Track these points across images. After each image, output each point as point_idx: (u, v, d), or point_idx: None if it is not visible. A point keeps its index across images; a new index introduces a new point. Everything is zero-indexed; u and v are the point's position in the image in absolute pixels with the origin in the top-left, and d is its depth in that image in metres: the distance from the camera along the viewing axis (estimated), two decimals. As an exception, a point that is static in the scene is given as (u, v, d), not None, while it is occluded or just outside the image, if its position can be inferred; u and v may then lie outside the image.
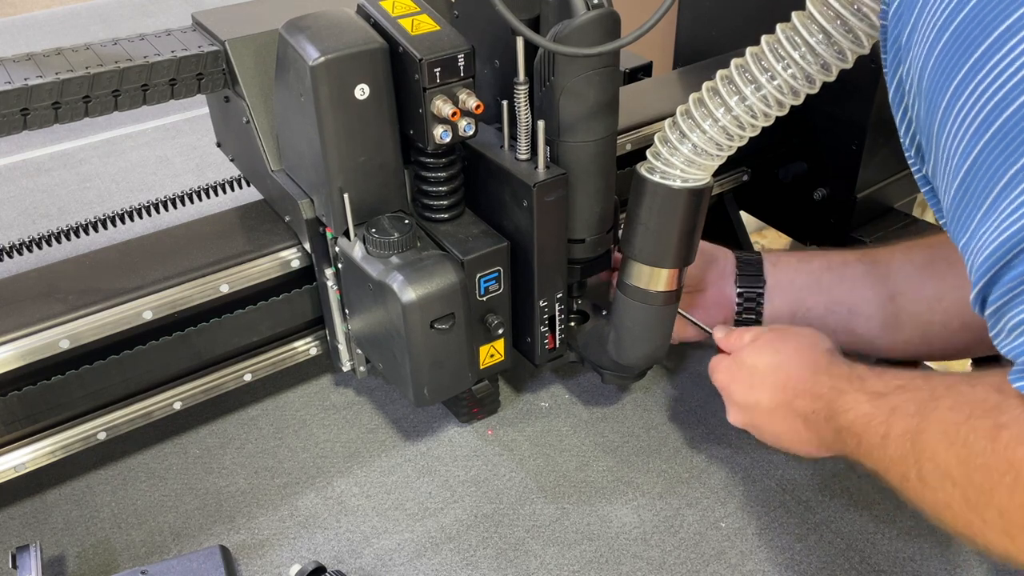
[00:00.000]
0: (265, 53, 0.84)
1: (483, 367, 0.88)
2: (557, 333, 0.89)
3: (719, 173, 0.78)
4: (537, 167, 0.78)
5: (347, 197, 0.78)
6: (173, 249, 0.87)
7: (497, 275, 0.83)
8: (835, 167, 1.14)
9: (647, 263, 0.77)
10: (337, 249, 0.84)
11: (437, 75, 0.74)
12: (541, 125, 0.76)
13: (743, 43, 0.67)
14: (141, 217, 0.98)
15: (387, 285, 0.77)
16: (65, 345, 0.78)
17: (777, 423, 0.75)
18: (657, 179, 0.72)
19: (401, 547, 0.84)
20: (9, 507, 0.89)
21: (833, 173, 1.14)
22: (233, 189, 1.03)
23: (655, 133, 0.72)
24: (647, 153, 0.72)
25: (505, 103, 0.79)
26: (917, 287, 0.86)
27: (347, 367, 0.94)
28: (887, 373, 0.66)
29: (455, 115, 0.75)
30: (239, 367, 0.92)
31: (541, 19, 0.77)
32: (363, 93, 0.75)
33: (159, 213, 1.00)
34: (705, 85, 0.67)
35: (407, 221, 0.81)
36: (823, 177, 1.16)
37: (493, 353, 0.88)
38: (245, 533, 0.86)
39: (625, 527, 0.86)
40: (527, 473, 0.92)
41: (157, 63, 0.81)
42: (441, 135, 0.76)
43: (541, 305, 0.85)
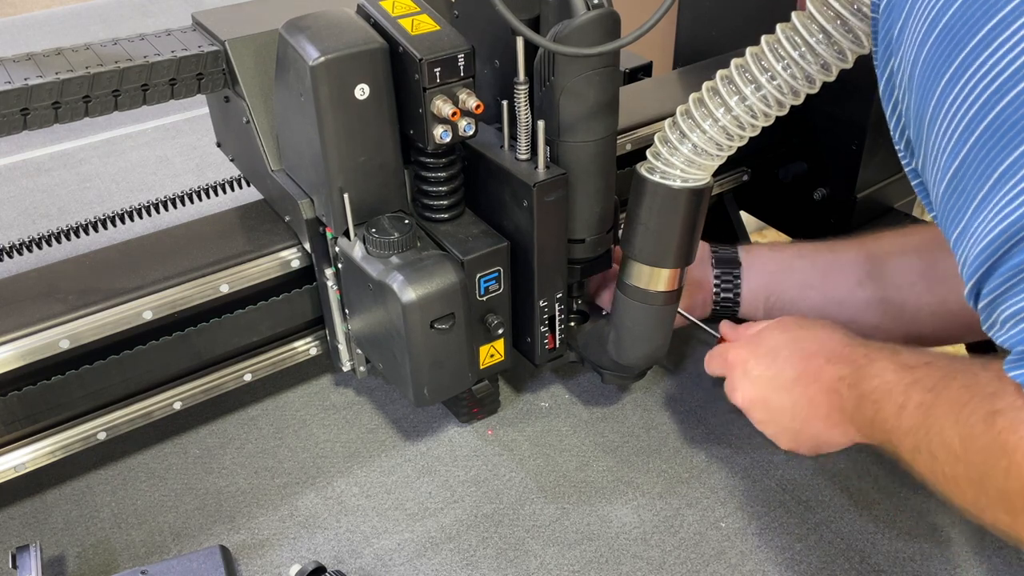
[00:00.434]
0: (265, 53, 0.84)
1: (483, 367, 0.88)
2: (557, 333, 0.89)
3: (719, 173, 0.78)
4: (537, 167, 0.78)
5: (347, 197, 0.78)
6: (173, 249, 0.87)
7: (497, 275, 0.83)
8: (835, 167, 1.14)
9: (647, 263, 0.77)
10: (337, 249, 0.84)
11: (437, 75, 0.74)
12: (541, 125, 0.76)
13: (743, 43, 0.67)
14: (141, 217, 0.98)
15: (387, 285, 0.77)
16: (65, 345, 0.78)
17: (796, 395, 0.75)
18: (657, 179, 0.72)
19: (401, 547, 0.84)
20: (9, 507, 0.89)
21: (833, 173, 1.14)
22: (233, 189, 1.03)
23: (655, 133, 0.72)
24: (647, 153, 0.72)
25: (505, 103, 0.80)
26: (889, 273, 0.88)
27: (347, 367, 0.94)
28: (921, 350, 0.67)
29: (455, 115, 0.75)
30: (239, 367, 0.92)
31: (541, 19, 0.77)
32: (363, 93, 0.75)
33: (159, 213, 1.00)
34: (705, 85, 0.67)
35: (407, 221, 0.81)
36: (823, 177, 1.16)
37: (493, 353, 0.88)
38: (245, 533, 0.86)
39: (625, 527, 0.86)
40: (527, 473, 0.92)
41: (157, 63, 0.81)
42: (441, 135, 0.76)
43: (541, 305, 0.85)
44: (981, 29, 0.45)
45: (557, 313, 0.87)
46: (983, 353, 1.14)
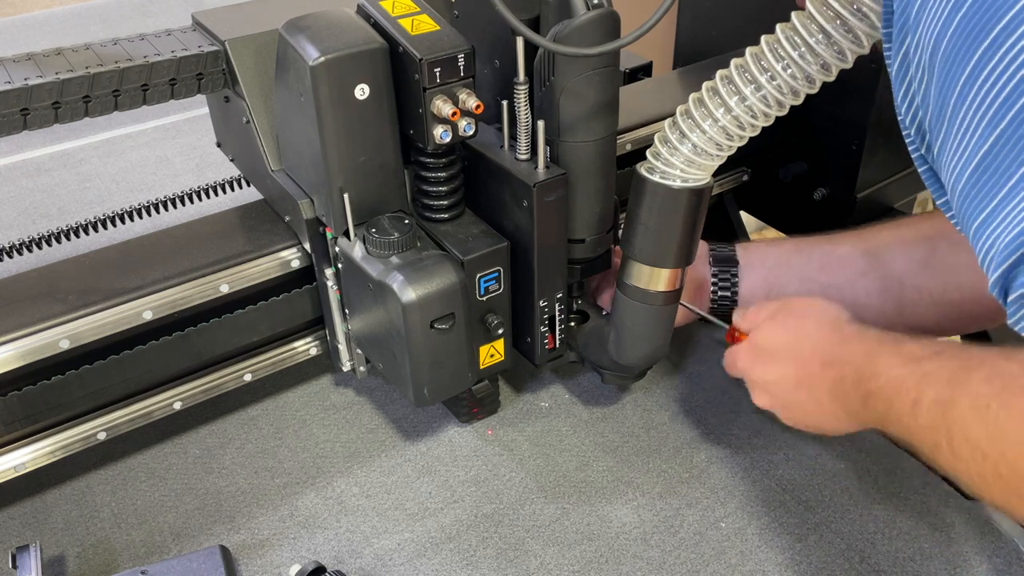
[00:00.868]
0: (265, 53, 0.84)
1: (483, 367, 0.88)
2: (557, 333, 0.89)
3: (719, 173, 0.78)
4: (537, 167, 0.78)
5: (347, 197, 0.78)
6: (173, 249, 0.87)
7: (497, 275, 0.83)
8: (835, 167, 1.14)
9: (647, 263, 0.77)
10: (337, 249, 0.84)
11: (437, 75, 0.74)
12: (541, 125, 0.76)
13: (743, 43, 0.67)
14: (141, 217, 0.98)
15: (387, 285, 0.77)
16: (65, 345, 0.78)
17: (804, 398, 0.74)
18: (657, 179, 0.72)
19: (401, 547, 0.84)
20: (9, 507, 0.89)
21: (833, 173, 1.14)
22: (233, 189, 1.03)
23: (655, 133, 0.72)
24: (647, 153, 0.72)
25: (505, 103, 0.79)
26: (888, 263, 0.88)
27: (347, 367, 0.94)
28: (924, 339, 0.64)
29: (455, 115, 0.75)
30: (239, 367, 0.92)
31: (541, 19, 0.77)
32: (363, 93, 0.75)
33: (159, 213, 1.00)
34: (705, 85, 0.67)
35: (407, 221, 0.81)
36: (823, 177, 1.16)
37: (493, 353, 0.88)
38: (245, 533, 0.86)
39: (625, 527, 0.86)
40: (527, 473, 0.92)
41: (157, 63, 0.81)
42: (441, 135, 0.76)
43: (541, 305, 0.85)
44: (1011, 10, 0.44)
45: (557, 313, 0.87)
46: (975, 333, 1.14)
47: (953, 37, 0.48)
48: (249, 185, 0.99)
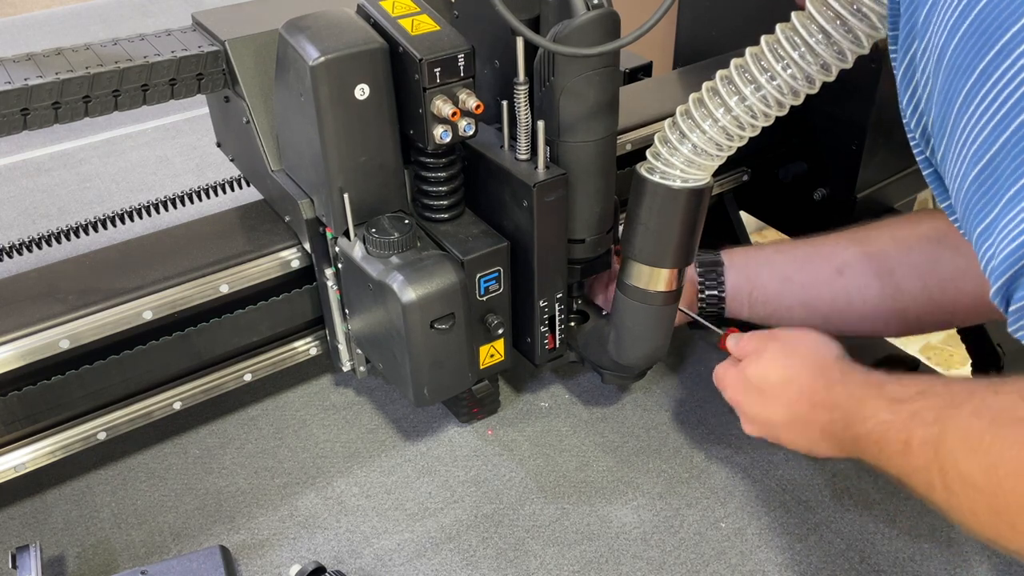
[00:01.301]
0: (265, 53, 0.84)
1: (483, 367, 0.88)
2: (557, 333, 0.89)
3: (719, 173, 0.78)
4: (537, 167, 0.78)
5: (347, 197, 0.78)
6: (173, 249, 0.87)
7: (497, 275, 0.83)
8: (835, 167, 1.14)
9: (647, 263, 0.77)
10: (337, 249, 0.84)
11: (437, 75, 0.74)
12: (541, 125, 0.76)
13: (743, 43, 0.67)
14: (141, 217, 0.98)
15: (387, 285, 0.77)
16: (65, 345, 0.78)
17: (795, 434, 0.75)
18: (657, 179, 0.72)
19: (401, 547, 0.84)
20: (9, 507, 0.89)
21: (833, 173, 1.14)
22: (233, 189, 1.03)
23: (655, 133, 0.72)
24: (647, 153, 0.72)
25: (505, 103, 0.79)
26: (870, 260, 0.88)
27: (347, 367, 0.94)
28: (906, 378, 0.65)
29: (455, 115, 0.75)
30: (239, 367, 0.92)
31: (541, 19, 0.77)
32: (363, 93, 0.75)
33: (159, 213, 1.00)
34: (705, 85, 0.67)
35: (407, 221, 0.81)
36: (823, 177, 1.16)
37: (493, 353, 0.88)
38: (245, 533, 0.86)
39: (625, 527, 0.86)
40: (527, 473, 0.92)
41: (157, 63, 0.81)
42: (441, 135, 0.76)
43: (541, 305, 0.85)
44: (1020, 20, 0.44)
45: (557, 313, 0.87)
46: (976, 339, 1.14)
47: (960, 44, 0.47)
48: (249, 185, 0.99)
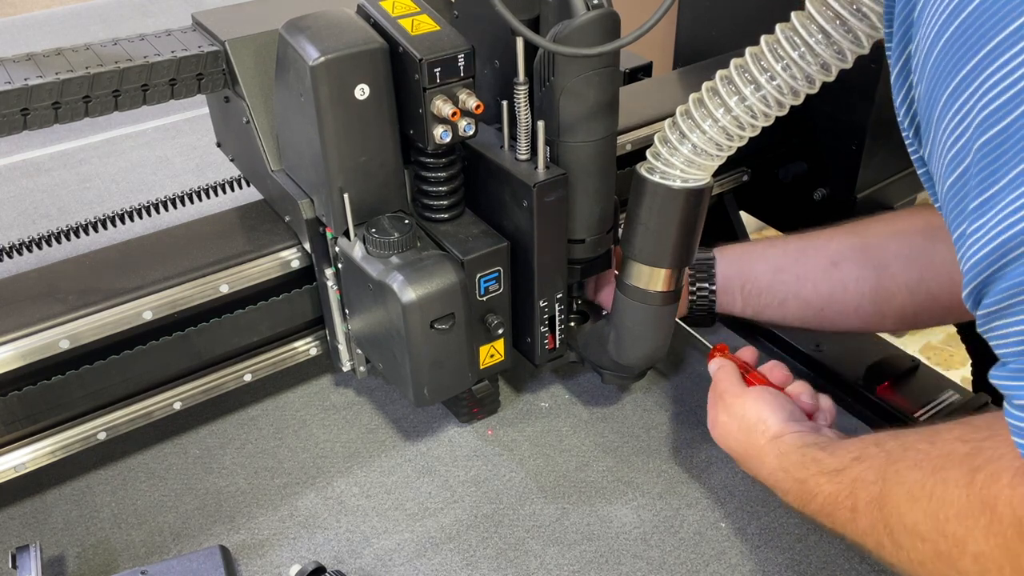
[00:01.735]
0: (265, 53, 0.84)
1: (483, 367, 0.88)
2: (557, 333, 0.89)
3: (719, 173, 0.78)
4: (537, 167, 0.78)
5: (347, 197, 0.78)
6: (173, 249, 0.87)
7: (497, 275, 0.83)
8: (835, 167, 1.14)
9: (647, 263, 0.77)
10: (337, 249, 0.84)
11: (437, 75, 0.74)
12: (541, 125, 0.76)
13: (743, 43, 0.67)
14: (141, 217, 0.98)
15: (387, 285, 0.77)
16: (65, 345, 0.78)
17: (763, 477, 0.78)
18: (657, 179, 0.72)
19: (401, 547, 0.84)
20: (9, 507, 0.89)
21: (833, 173, 1.14)
22: (233, 189, 1.03)
23: (655, 133, 0.72)
24: (647, 153, 0.72)
25: (505, 103, 0.79)
26: (865, 253, 0.88)
27: (347, 367, 0.94)
28: (840, 447, 0.68)
29: (455, 115, 0.75)
30: (239, 367, 0.92)
31: (541, 19, 0.77)
32: (363, 93, 0.75)
33: (159, 213, 1.00)
34: (705, 85, 0.67)
35: (407, 221, 0.81)
36: (823, 177, 1.16)
37: (493, 353, 0.88)
38: (245, 533, 0.86)
39: (625, 527, 0.86)
40: (527, 473, 0.92)
41: (157, 63, 0.81)
42: (441, 135, 0.76)
43: (541, 305, 0.85)
44: (1003, 31, 0.44)
45: (557, 313, 0.87)
46: (976, 339, 1.13)
47: (945, 48, 0.48)
48: (249, 185, 0.99)
